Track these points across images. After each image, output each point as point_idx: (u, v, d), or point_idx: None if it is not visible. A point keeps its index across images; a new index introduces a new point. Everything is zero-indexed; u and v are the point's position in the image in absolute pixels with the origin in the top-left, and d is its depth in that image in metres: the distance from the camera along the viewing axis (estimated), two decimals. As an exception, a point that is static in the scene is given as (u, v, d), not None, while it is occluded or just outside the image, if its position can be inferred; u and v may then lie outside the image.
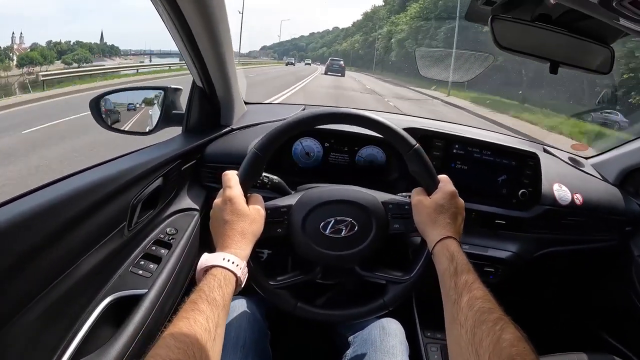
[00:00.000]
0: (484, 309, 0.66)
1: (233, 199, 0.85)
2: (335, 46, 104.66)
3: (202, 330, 0.63)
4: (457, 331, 0.66)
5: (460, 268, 0.77)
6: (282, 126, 0.92)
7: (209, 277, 0.73)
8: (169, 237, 1.15)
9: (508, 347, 0.58)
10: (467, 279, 0.74)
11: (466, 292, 0.71)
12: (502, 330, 0.61)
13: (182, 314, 0.65)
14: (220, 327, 0.69)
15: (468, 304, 0.69)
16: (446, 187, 0.91)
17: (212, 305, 0.68)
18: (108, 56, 55.86)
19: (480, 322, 0.64)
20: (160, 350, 0.58)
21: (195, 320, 0.64)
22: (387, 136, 0.94)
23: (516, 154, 1.40)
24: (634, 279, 1.50)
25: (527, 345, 0.59)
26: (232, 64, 1.30)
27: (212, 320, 0.66)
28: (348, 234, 0.94)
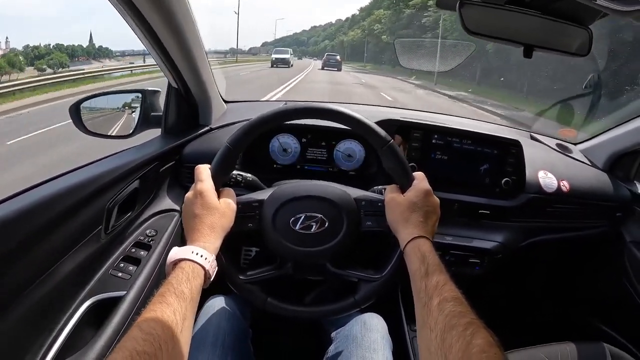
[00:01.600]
0: (454, 313, 0.65)
1: (203, 193, 0.85)
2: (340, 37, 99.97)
3: (169, 323, 0.64)
4: (427, 335, 0.65)
5: (432, 269, 0.75)
6: (254, 120, 0.91)
7: (177, 271, 0.74)
8: (149, 238, 1.14)
9: (478, 353, 0.57)
10: (438, 281, 0.72)
11: (437, 294, 0.70)
12: (472, 335, 0.60)
13: (150, 307, 0.66)
14: (188, 320, 0.69)
15: (438, 307, 0.67)
16: (420, 184, 0.90)
17: (180, 298, 0.69)
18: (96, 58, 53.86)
19: (450, 327, 0.63)
20: (127, 343, 0.58)
21: (163, 313, 0.65)
22: (361, 131, 0.93)
23: (498, 142, 1.38)
24: (626, 265, 1.49)
25: (499, 351, 0.58)
26: (204, 64, 1.29)
27: (180, 313, 0.67)
28: (318, 230, 0.93)
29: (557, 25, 0.90)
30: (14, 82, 16.30)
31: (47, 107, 12.11)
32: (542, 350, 1.24)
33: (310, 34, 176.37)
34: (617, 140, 1.55)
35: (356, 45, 73.70)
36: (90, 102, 1.28)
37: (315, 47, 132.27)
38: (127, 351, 0.57)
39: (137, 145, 1.23)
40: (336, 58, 32.94)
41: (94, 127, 1.27)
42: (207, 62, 1.31)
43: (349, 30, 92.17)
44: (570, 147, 1.69)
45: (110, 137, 1.31)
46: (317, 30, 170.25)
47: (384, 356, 1.00)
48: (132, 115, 1.35)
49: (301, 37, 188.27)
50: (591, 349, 1.25)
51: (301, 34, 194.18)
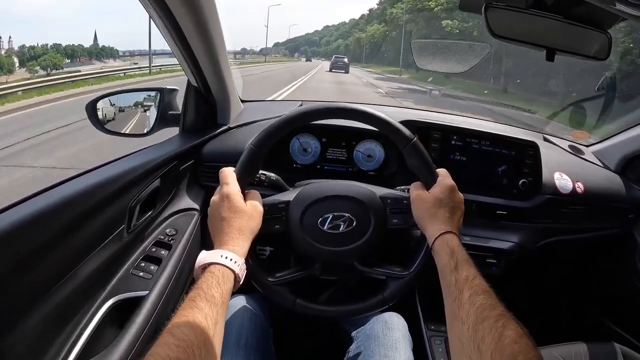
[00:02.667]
0: (485, 305, 0.66)
1: (230, 196, 0.85)
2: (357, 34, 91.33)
3: (201, 328, 0.64)
4: (458, 328, 0.66)
5: (461, 263, 0.76)
6: (278, 122, 0.91)
7: (207, 275, 0.74)
8: (169, 237, 1.14)
9: (510, 344, 0.58)
10: (467, 275, 0.73)
11: (467, 288, 0.70)
12: (504, 327, 0.61)
13: (181, 312, 0.66)
14: (219, 324, 0.69)
15: (469, 300, 0.68)
16: (445, 181, 0.91)
17: (211, 302, 0.69)
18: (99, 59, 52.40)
19: (482, 319, 0.63)
20: (159, 349, 0.58)
21: (194, 318, 0.65)
22: (384, 130, 0.93)
23: (515, 143, 1.39)
24: (638, 266, 1.49)
25: (530, 342, 0.59)
26: (226, 62, 1.29)
27: (211, 318, 0.66)
28: (346, 229, 0.93)
29: (577, 29, 0.90)
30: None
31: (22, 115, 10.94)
32: (557, 350, 1.25)
33: (323, 34, 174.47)
34: (630, 143, 1.55)
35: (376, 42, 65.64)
36: (107, 101, 1.29)
37: (328, 47, 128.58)
38: (159, 357, 0.57)
39: (157, 144, 1.23)
40: (344, 60, 34.70)
41: (110, 125, 1.28)
42: (228, 62, 1.31)
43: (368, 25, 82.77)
44: (582, 149, 1.69)
45: (127, 135, 1.32)
46: (330, 30, 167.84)
47: (405, 355, 1.01)
48: (146, 114, 1.35)
49: (313, 37, 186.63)
50: (604, 349, 1.26)
51: (313, 34, 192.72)
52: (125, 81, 19.22)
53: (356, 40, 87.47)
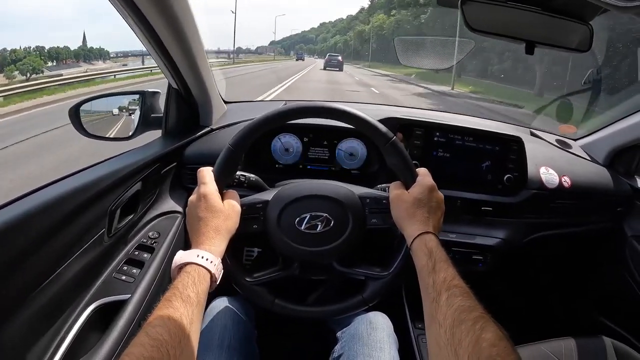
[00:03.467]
0: (463, 308, 0.64)
1: (207, 196, 0.85)
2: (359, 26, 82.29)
3: (175, 328, 0.63)
4: (436, 330, 0.65)
5: (439, 264, 0.75)
6: (256, 121, 0.91)
7: (183, 275, 0.73)
8: (152, 241, 1.14)
9: (488, 347, 0.57)
10: (445, 276, 0.72)
11: (445, 289, 0.69)
12: (482, 329, 0.59)
13: (156, 312, 0.65)
14: (195, 324, 0.69)
15: (447, 302, 0.67)
16: (424, 180, 0.90)
17: (186, 302, 0.68)
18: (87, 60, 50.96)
19: (459, 322, 0.62)
20: (134, 349, 0.58)
21: (169, 318, 0.64)
22: (363, 129, 0.92)
23: (499, 138, 1.38)
24: (627, 259, 1.49)
25: (509, 344, 0.58)
26: (205, 64, 1.28)
27: (186, 317, 0.66)
28: (324, 229, 0.93)
29: (558, 21, 0.90)
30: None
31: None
32: (546, 345, 1.24)
33: (319, 31, 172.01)
34: (617, 136, 1.55)
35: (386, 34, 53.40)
36: (90, 105, 1.28)
37: (325, 44, 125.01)
38: (134, 357, 0.56)
39: (138, 147, 1.23)
40: (337, 59, 35.30)
41: (94, 129, 1.27)
42: (207, 63, 1.30)
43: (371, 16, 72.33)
44: (570, 143, 1.69)
45: (110, 139, 1.31)
46: (327, 27, 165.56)
47: (390, 354, 1.00)
48: (131, 117, 1.34)
49: (309, 34, 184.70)
50: (595, 344, 1.26)
51: (309, 32, 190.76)
52: (116, 83, 18.62)
53: (357, 34, 78.41)
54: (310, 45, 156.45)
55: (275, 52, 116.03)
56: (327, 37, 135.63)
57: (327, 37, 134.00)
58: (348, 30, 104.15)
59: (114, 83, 18.82)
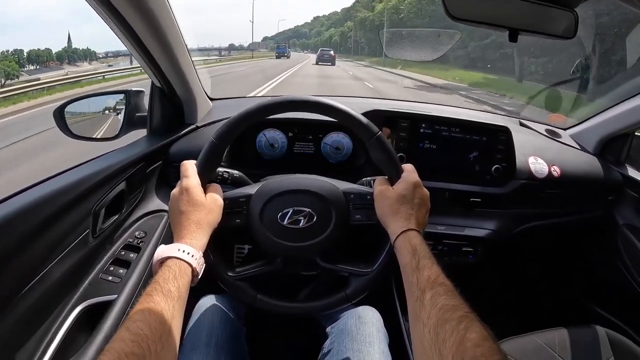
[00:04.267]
0: (447, 307, 0.63)
1: (190, 189, 0.84)
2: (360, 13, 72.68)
3: (156, 323, 0.63)
4: (420, 330, 0.64)
5: (423, 262, 0.74)
6: (240, 114, 0.90)
7: (164, 269, 0.73)
8: (138, 240, 1.14)
9: (472, 348, 0.56)
10: (430, 274, 0.71)
11: (429, 288, 0.68)
12: (466, 329, 0.59)
13: (137, 307, 0.65)
14: (176, 319, 0.68)
15: (431, 301, 0.66)
16: (410, 176, 0.88)
17: (167, 296, 0.68)
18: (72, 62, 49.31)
19: (443, 321, 0.61)
20: (115, 344, 0.57)
21: (150, 313, 0.64)
22: (348, 123, 0.91)
23: (487, 129, 1.38)
24: (619, 247, 1.49)
25: (493, 344, 0.57)
26: (187, 62, 1.27)
27: (167, 312, 0.66)
28: (306, 224, 0.92)
29: (542, 8, 0.89)
30: None
31: None
32: (540, 336, 1.24)
33: (313, 25, 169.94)
34: (607, 124, 1.55)
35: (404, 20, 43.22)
36: (75, 106, 1.27)
37: (319, 38, 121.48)
38: (115, 353, 0.56)
39: (123, 147, 1.22)
40: (330, 53, 35.73)
41: (79, 130, 1.26)
42: (190, 60, 1.29)
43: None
44: (559, 133, 1.69)
45: (96, 139, 1.30)
46: (320, 20, 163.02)
47: (380, 349, 0.99)
48: (117, 117, 1.33)
49: (302, 29, 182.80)
50: (588, 333, 1.26)
51: (302, 26, 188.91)
52: (107, 84, 18.02)
53: (360, 23, 69.21)
54: (304, 39, 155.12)
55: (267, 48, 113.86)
56: (321, 30, 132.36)
57: (321, 31, 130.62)
58: (345, 20, 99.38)
59: (106, 83, 18.38)
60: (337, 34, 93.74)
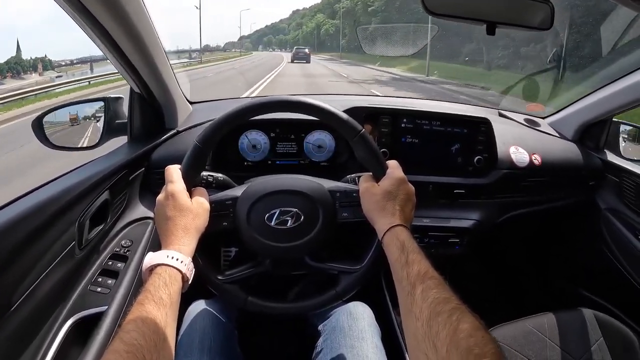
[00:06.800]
0: (439, 300, 0.64)
1: (175, 194, 0.84)
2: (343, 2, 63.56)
3: (150, 332, 0.63)
4: (412, 324, 0.65)
5: (412, 257, 0.74)
6: (223, 117, 0.89)
7: (154, 277, 0.73)
8: (125, 249, 1.12)
9: (465, 338, 0.57)
10: (419, 269, 0.71)
11: (419, 282, 0.69)
12: (458, 320, 0.59)
13: (130, 317, 0.65)
14: (170, 326, 0.68)
15: (422, 295, 0.66)
16: (395, 173, 0.89)
17: (159, 304, 0.67)
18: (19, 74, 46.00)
19: (435, 314, 0.62)
20: (109, 356, 0.57)
21: (143, 322, 0.63)
22: (331, 122, 0.91)
23: (467, 121, 1.40)
24: (603, 231, 1.52)
25: (486, 334, 0.58)
26: (165, 66, 1.26)
27: (161, 320, 0.65)
28: (294, 224, 0.92)
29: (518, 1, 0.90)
30: None
31: None
32: (530, 322, 1.25)
33: (291, 20, 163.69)
34: (584, 111, 1.58)
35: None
36: (54, 115, 1.25)
37: (299, 31, 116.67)
38: None
39: (104, 155, 1.20)
40: (305, 51, 35.96)
41: (59, 140, 1.24)
42: (168, 64, 1.28)
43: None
44: (538, 122, 1.72)
45: (76, 149, 1.29)
46: (300, 14, 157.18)
47: (372, 343, 1.00)
48: (98, 125, 1.31)
49: (280, 25, 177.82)
50: (576, 316, 1.28)
51: (280, 22, 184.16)
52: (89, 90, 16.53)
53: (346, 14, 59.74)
54: (281, 35, 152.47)
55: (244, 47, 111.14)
56: (301, 22, 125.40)
57: (301, 23, 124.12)
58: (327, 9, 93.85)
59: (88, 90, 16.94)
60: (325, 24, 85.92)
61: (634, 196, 1.44)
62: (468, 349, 0.55)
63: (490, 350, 0.55)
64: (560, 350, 1.21)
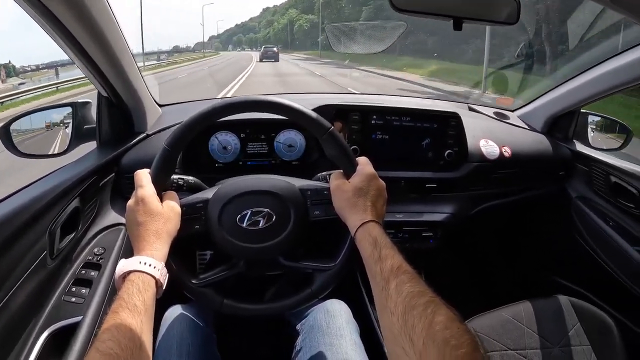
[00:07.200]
0: (413, 294, 0.64)
1: (145, 199, 0.83)
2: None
3: (126, 340, 0.62)
4: (388, 318, 0.65)
5: (385, 252, 0.74)
6: (191, 119, 0.88)
7: (127, 284, 0.72)
8: (98, 257, 1.10)
9: (441, 330, 0.57)
10: (392, 264, 0.71)
11: (393, 277, 0.69)
12: (433, 313, 0.59)
13: (105, 326, 0.64)
14: (146, 333, 0.68)
15: (396, 290, 0.66)
16: (365, 169, 0.89)
17: (134, 312, 0.67)
18: None
19: (410, 308, 0.62)
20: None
21: (118, 330, 0.63)
22: (300, 121, 0.91)
23: (437, 116, 1.42)
24: (574, 219, 1.56)
25: (462, 325, 0.58)
26: (132, 68, 1.24)
27: (136, 328, 0.65)
28: (266, 225, 0.91)
29: (485, -4, 0.91)
30: None
31: None
32: (507, 311, 1.27)
33: (262, 18, 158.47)
34: (552, 103, 1.61)
35: None
36: (21, 123, 1.21)
37: (270, 29, 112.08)
38: None
39: (72, 162, 1.18)
40: (273, 50, 36.26)
41: (27, 148, 1.21)
42: (135, 66, 1.25)
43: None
44: (508, 114, 1.75)
45: (45, 156, 1.25)
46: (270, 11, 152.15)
47: (351, 340, 1.00)
48: (67, 131, 1.28)
49: (250, 23, 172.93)
50: (552, 303, 1.30)
51: (250, 21, 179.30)
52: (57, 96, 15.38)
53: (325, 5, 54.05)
54: (251, 34, 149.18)
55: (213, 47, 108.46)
56: (272, 19, 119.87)
57: (272, 20, 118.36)
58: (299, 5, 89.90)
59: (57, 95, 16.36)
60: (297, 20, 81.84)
61: (603, 184, 1.47)
62: (445, 340, 0.55)
63: (466, 340, 0.56)
64: (538, 337, 1.24)
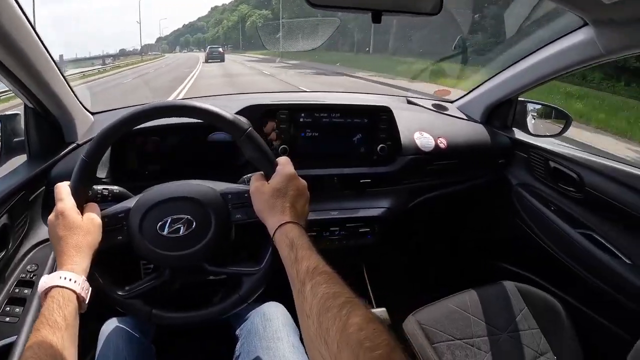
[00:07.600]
0: (328, 295, 0.63)
1: (65, 212, 0.82)
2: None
3: (47, 357, 0.62)
4: (305, 322, 0.64)
5: (301, 254, 0.73)
6: (105, 129, 0.87)
7: (48, 300, 0.71)
8: (31, 274, 1.07)
9: (356, 332, 0.55)
10: (308, 265, 0.70)
11: (309, 279, 0.68)
12: (348, 314, 0.58)
13: (28, 344, 0.64)
14: (68, 349, 0.67)
15: (312, 292, 0.65)
16: (284, 169, 0.88)
17: (54, 328, 0.67)
18: None
19: (325, 310, 0.60)
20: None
21: (39, 348, 0.63)
22: (217, 123, 0.90)
23: (367, 110, 1.42)
24: (516, 206, 1.59)
25: (379, 326, 0.56)
26: (56, 76, 1.19)
27: (57, 344, 0.65)
28: (187, 231, 0.90)
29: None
30: None
31: None
32: (451, 300, 1.29)
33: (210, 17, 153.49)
34: (490, 93, 1.65)
35: None
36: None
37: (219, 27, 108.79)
38: None
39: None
40: (219, 50, 36.68)
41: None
42: (59, 76, 1.21)
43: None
44: (446, 106, 1.77)
45: None
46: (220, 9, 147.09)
47: (289, 343, 1.00)
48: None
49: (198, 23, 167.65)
50: (498, 289, 1.33)
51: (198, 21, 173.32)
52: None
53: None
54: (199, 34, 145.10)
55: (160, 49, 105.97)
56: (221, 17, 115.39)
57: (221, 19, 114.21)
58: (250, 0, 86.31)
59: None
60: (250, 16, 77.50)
61: (543, 170, 1.51)
62: (359, 342, 0.54)
63: (383, 341, 0.54)
64: (485, 325, 1.26)
